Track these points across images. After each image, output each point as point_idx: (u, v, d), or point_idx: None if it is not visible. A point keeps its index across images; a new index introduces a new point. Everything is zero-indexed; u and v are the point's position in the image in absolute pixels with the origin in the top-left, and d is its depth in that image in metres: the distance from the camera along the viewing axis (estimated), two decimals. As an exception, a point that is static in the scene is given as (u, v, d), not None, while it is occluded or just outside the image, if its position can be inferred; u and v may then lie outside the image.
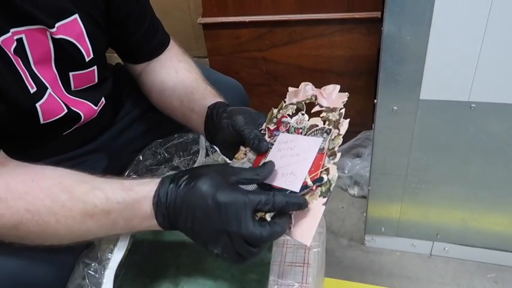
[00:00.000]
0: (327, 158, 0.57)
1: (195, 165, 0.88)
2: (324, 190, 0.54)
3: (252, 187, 0.58)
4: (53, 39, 0.63)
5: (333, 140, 0.59)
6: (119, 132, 0.86)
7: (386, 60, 0.86)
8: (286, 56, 1.34)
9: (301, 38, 1.29)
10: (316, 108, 0.64)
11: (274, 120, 0.67)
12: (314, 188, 0.55)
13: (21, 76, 0.59)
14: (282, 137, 0.64)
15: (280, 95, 1.57)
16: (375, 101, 0.94)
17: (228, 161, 0.85)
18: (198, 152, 0.87)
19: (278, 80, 1.40)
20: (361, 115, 1.38)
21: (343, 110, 0.62)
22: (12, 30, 0.57)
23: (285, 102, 0.69)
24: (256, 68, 1.39)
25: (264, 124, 0.67)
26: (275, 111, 0.68)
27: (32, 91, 0.61)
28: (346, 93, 0.63)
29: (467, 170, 0.97)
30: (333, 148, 0.58)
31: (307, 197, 0.54)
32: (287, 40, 1.30)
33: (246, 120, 0.65)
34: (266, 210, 0.52)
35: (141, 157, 0.83)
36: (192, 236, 0.55)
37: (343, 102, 0.63)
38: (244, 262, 0.54)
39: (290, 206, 0.52)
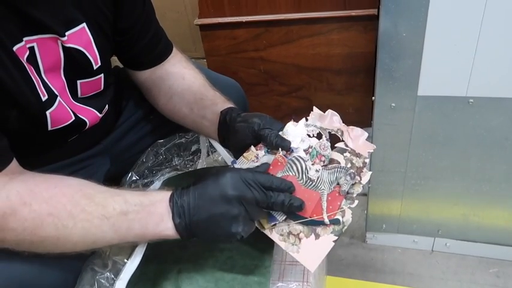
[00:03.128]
0: (344, 200, 0.61)
1: (198, 166, 0.88)
2: (336, 229, 0.59)
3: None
4: (64, 48, 0.63)
5: (353, 185, 0.62)
6: (121, 135, 0.87)
7: (383, 57, 0.86)
8: (284, 55, 1.34)
9: (298, 37, 1.29)
10: (341, 145, 0.66)
11: None
12: (329, 225, 0.59)
13: (35, 84, 0.60)
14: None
15: (278, 94, 1.57)
16: (373, 98, 0.94)
17: (230, 159, 0.85)
18: (198, 151, 0.88)
19: (276, 79, 1.40)
20: (360, 113, 1.37)
21: (367, 160, 0.65)
22: (25, 39, 0.58)
23: (307, 119, 0.69)
24: (253, 67, 1.39)
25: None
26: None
27: (43, 99, 0.62)
28: (374, 146, 0.66)
29: (467, 165, 0.97)
30: (352, 193, 0.61)
31: (319, 229, 0.60)
32: (284, 39, 1.30)
33: (262, 122, 0.68)
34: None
35: (144, 159, 0.83)
36: (209, 227, 0.58)
37: (369, 152, 0.66)
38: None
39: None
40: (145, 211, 0.57)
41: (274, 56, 1.34)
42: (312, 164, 0.63)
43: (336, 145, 0.67)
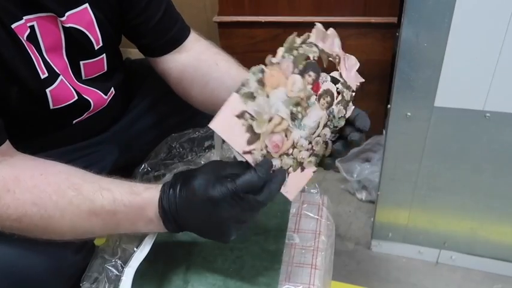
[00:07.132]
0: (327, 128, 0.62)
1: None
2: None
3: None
4: (64, 28, 0.63)
5: (339, 119, 0.63)
6: (130, 123, 0.86)
7: (402, 66, 0.86)
8: (300, 58, 1.34)
9: (316, 40, 1.29)
10: (335, 74, 0.63)
11: (295, 52, 0.58)
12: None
13: (33, 61, 0.61)
14: None
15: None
16: (389, 106, 0.94)
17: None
18: (211, 146, 0.88)
19: (290, 81, 1.40)
20: (372, 120, 1.36)
21: (353, 94, 0.64)
22: (25, 17, 0.58)
23: (309, 36, 0.59)
24: (269, 68, 1.39)
25: (281, 52, 0.57)
26: (298, 41, 0.58)
27: (42, 76, 0.62)
28: (362, 79, 0.65)
29: (478, 179, 0.96)
30: (337, 127, 0.63)
31: (305, 163, 0.60)
32: (302, 42, 1.30)
33: None
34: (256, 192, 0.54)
35: (157, 151, 0.84)
36: (203, 234, 0.58)
37: (357, 85, 0.65)
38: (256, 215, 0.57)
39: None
40: (134, 212, 0.57)
41: (290, 58, 1.34)
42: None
43: (330, 74, 0.62)
